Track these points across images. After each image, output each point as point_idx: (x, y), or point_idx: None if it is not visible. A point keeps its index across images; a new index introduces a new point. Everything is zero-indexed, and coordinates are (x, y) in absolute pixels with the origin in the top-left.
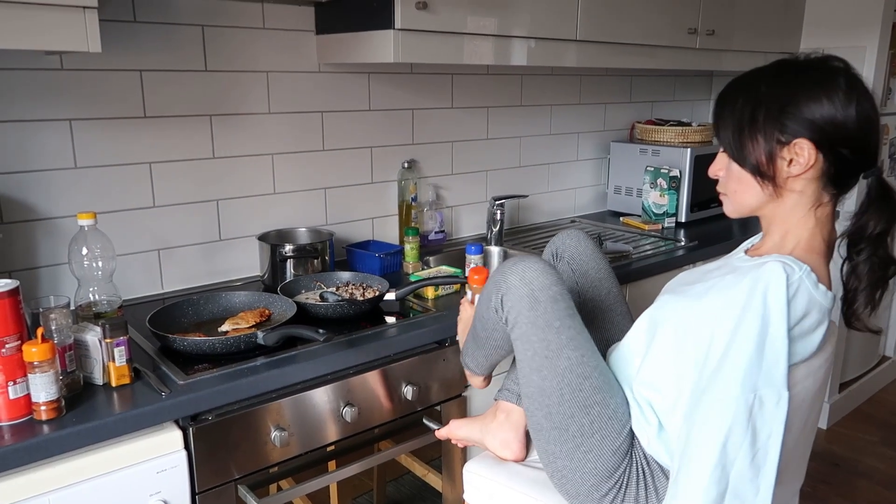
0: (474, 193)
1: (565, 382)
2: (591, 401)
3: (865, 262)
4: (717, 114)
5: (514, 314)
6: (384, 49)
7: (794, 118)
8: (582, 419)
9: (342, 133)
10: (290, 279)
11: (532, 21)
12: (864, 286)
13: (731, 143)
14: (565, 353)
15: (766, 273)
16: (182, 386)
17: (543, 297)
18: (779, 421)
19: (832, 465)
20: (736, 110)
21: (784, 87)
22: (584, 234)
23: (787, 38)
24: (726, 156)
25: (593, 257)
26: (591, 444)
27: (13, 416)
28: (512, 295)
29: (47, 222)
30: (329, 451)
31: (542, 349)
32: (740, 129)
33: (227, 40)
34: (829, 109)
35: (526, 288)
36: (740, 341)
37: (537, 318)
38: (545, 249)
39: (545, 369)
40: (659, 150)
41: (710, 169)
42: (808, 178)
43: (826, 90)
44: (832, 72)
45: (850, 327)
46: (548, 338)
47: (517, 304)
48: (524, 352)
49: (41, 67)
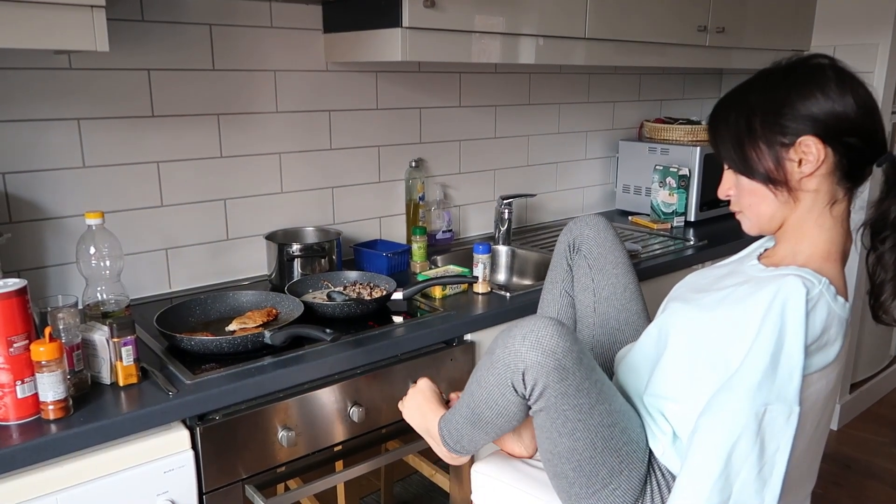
0: (482, 192)
1: (599, 436)
2: (619, 442)
3: (891, 250)
4: (712, 134)
5: (540, 388)
6: (391, 47)
7: (792, 118)
8: (612, 462)
9: (350, 132)
10: (297, 278)
11: (540, 19)
12: (891, 276)
13: (735, 157)
14: (597, 410)
15: (785, 287)
16: (189, 385)
17: (570, 363)
18: (788, 436)
19: (843, 467)
20: (731, 125)
21: (774, 91)
22: (603, 221)
23: (798, 36)
24: (732, 173)
25: (612, 249)
26: (619, 482)
27: (21, 416)
28: (535, 371)
29: (55, 221)
30: (336, 451)
31: (574, 414)
32: (740, 142)
33: (234, 39)
34: (826, 102)
35: (551, 360)
36: (755, 354)
37: (567, 388)
38: (560, 238)
39: (578, 431)
40: (668, 149)
41: (720, 190)
42: (821, 174)
43: (818, 84)
44: (818, 67)
45: (877, 321)
46: (579, 402)
47: (543, 379)
48: (552, 421)
49: (50, 67)
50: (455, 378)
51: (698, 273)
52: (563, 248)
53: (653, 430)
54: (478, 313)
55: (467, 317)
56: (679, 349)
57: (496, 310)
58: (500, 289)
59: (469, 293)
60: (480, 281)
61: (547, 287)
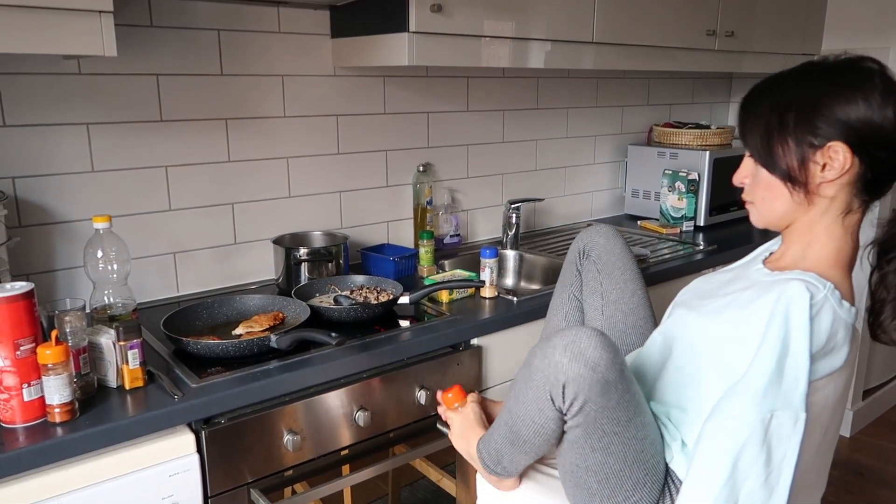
0: (490, 197)
1: (631, 449)
2: (648, 454)
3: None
4: (742, 119)
5: (580, 403)
6: (399, 52)
7: (827, 120)
8: (638, 474)
9: (357, 136)
10: (304, 282)
11: (548, 23)
12: (892, 297)
13: (759, 148)
14: (634, 423)
15: (788, 292)
16: (195, 389)
17: (613, 377)
18: (794, 442)
19: (856, 474)
20: (763, 114)
21: (815, 88)
22: (613, 230)
23: (809, 40)
24: (753, 162)
25: (621, 257)
26: (642, 494)
27: (27, 419)
28: (576, 384)
29: (64, 225)
30: (343, 456)
31: (611, 428)
32: (769, 134)
33: (242, 44)
34: (865, 111)
35: (595, 374)
36: (760, 361)
37: (609, 401)
38: (572, 246)
39: (613, 445)
40: (677, 153)
41: (736, 176)
42: (841, 183)
43: (862, 91)
44: (867, 72)
45: (875, 340)
46: (618, 416)
47: (585, 393)
48: (587, 436)
49: (59, 72)
50: (462, 382)
51: (703, 278)
52: (573, 254)
53: (663, 437)
54: (485, 318)
55: (474, 321)
56: (684, 356)
57: (503, 314)
58: (508, 293)
59: (476, 297)
60: (487, 285)
61: (556, 292)
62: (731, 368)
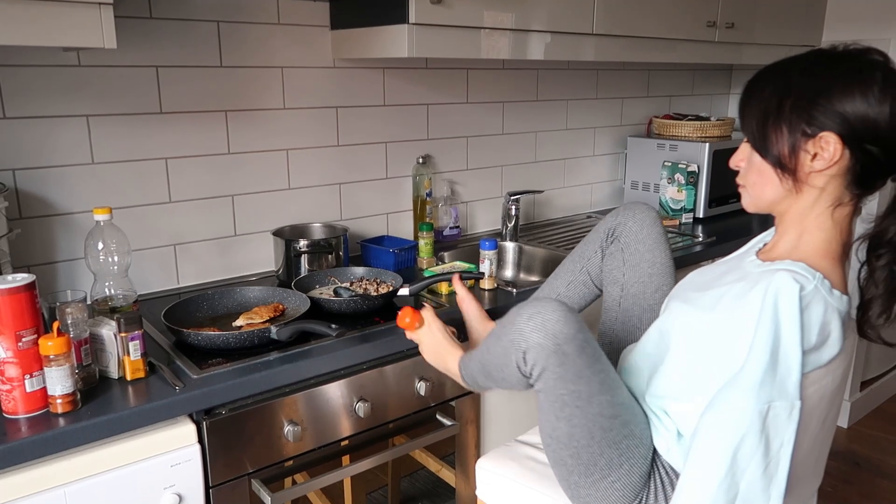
0: (489, 189)
1: (596, 426)
2: (620, 436)
3: (884, 268)
4: (743, 101)
5: (539, 370)
6: (398, 44)
7: (823, 110)
8: (611, 454)
9: (357, 128)
10: (304, 274)
11: (548, 15)
12: (880, 293)
13: (755, 131)
14: (596, 400)
15: (776, 284)
16: (196, 380)
17: (571, 349)
18: (791, 431)
19: (854, 465)
20: (763, 98)
21: (816, 77)
22: (652, 217)
23: (809, 31)
24: (749, 146)
25: (652, 249)
26: (619, 475)
27: (29, 409)
28: (535, 352)
29: (64, 217)
30: (343, 447)
31: (571, 400)
32: (765, 118)
33: (242, 36)
34: (861, 105)
35: (551, 343)
36: (754, 353)
37: (566, 373)
38: (601, 223)
39: (575, 417)
40: (677, 145)
41: (732, 159)
42: (830, 174)
43: (861, 84)
44: (870, 65)
45: (863, 336)
46: (578, 389)
47: (542, 361)
48: (551, 403)
49: (59, 64)
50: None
51: (699, 271)
52: (602, 231)
53: (657, 428)
54: (485, 309)
55: None
56: (679, 349)
57: (503, 305)
58: (507, 285)
59: (476, 289)
60: (487, 277)
61: (570, 259)
62: (725, 361)
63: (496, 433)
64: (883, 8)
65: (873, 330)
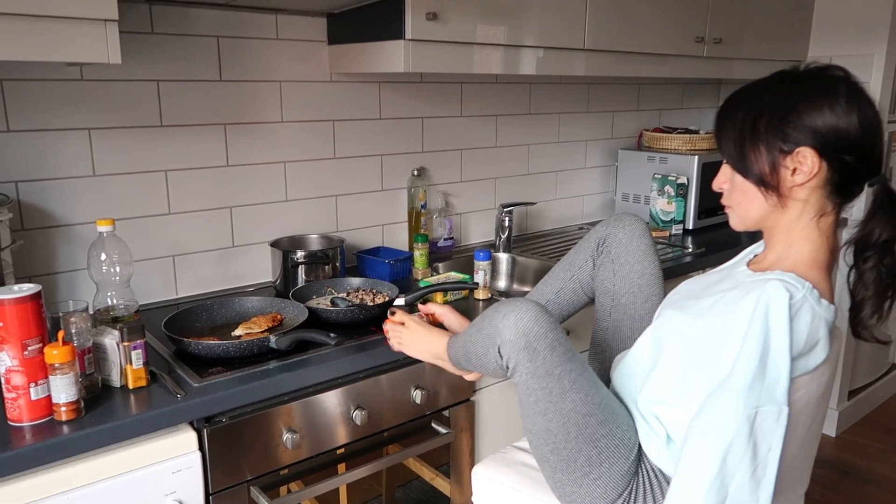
0: (483, 200)
1: (571, 423)
2: (597, 434)
3: (872, 269)
4: (718, 126)
5: (513, 364)
6: (395, 59)
7: (795, 127)
8: (590, 452)
9: (353, 141)
10: (301, 285)
11: (540, 30)
12: (871, 294)
13: (734, 154)
14: (569, 397)
15: (767, 292)
16: (197, 388)
17: (541, 347)
18: (778, 435)
19: (841, 473)
20: (737, 121)
21: (785, 96)
22: (641, 228)
23: (795, 46)
24: (729, 168)
25: (641, 260)
26: (599, 472)
27: (34, 417)
28: (508, 347)
29: (66, 229)
30: (339, 455)
31: (544, 395)
32: (742, 140)
33: (241, 51)
34: (831, 117)
35: (522, 339)
36: (744, 359)
37: (537, 369)
38: (591, 233)
39: (550, 412)
40: (667, 158)
41: (714, 182)
42: (812, 186)
43: (827, 98)
44: (833, 80)
45: (857, 337)
46: (549, 385)
47: (514, 356)
48: (527, 397)
49: (62, 78)
50: (456, 383)
51: (691, 280)
52: (592, 241)
53: (647, 433)
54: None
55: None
56: (673, 355)
57: None
58: (501, 295)
59: (470, 299)
60: (481, 287)
61: (560, 266)
62: (716, 367)
63: (490, 441)
64: (866, 24)
65: (867, 330)
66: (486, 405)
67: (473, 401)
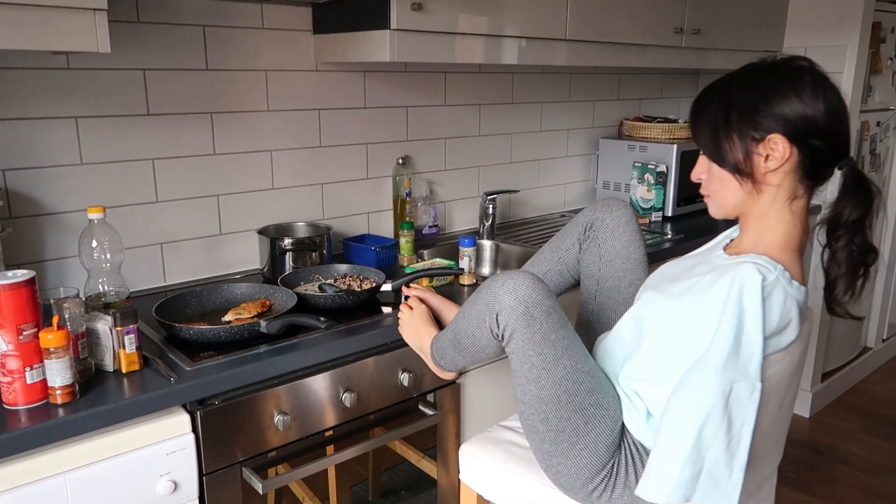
0: (467, 188)
1: (562, 389)
2: (585, 403)
3: (844, 248)
4: (693, 120)
5: (510, 331)
6: (380, 49)
7: (766, 116)
8: (577, 420)
9: (339, 130)
10: (289, 272)
11: (523, 21)
12: (843, 272)
13: (709, 145)
14: (561, 363)
15: (741, 274)
16: (189, 372)
17: (538, 313)
18: (752, 410)
19: (815, 452)
20: (710, 114)
21: (754, 88)
22: (627, 214)
23: (771, 37)
24: (706, 158)
25: (627, 245)
26: (586, 442)
27: (30, 400)
28: (507, 314)
29: (54, 217)
30: (329, 436)
31: (539, 362)
32: (716, 131)
33: (227, 40)
34: (798, 105)
35: (521, 306)
36: (719, 338)
37: (534, 334)
38: (579, 216)
39: (543, 379)
40: (646, 147)
41: (693, 173)
42: (784, 171)
43: (794, 87)
44: (798, 70)
45: (832, 314)
46: (544, 351)
47: (512, 322)
48: (521, 364)
49: (48, 66)
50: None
51: (671, 263)
52: (580, 224)
53: (628, 408)
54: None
55: None
56: (652, 335)
57: None
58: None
59: (455, 285)
60: (466, 273)
61: (549, 249)
62: (694, 345)
63: (476, 423)
64: (839, 16)
65: (840, 307)
66: (471, 388)
67: (459, 383)
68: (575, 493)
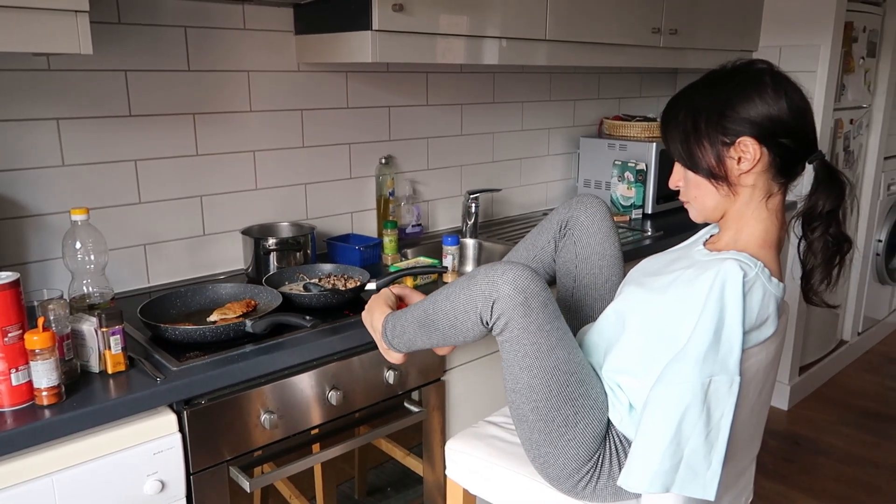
0: (450, 188)
1: (554, 380)
2: (576, 393)
3: (819, 238)
4: (663, 130)
5: (505, 320)
6: (362, 49)
7: (733, 120)
8: (567, 411)
9: (321, 130)
10: (273, 271)
11: (503, 22)
12: (819, 262)
13: (682, 153)
14: (554, 353)
15: (724, 270)
16: (176, 372)
17: (535, 304)
18: (730, 403)
19: (793, 444)
20: (679, 123)
21: (718, 94)
22: (602, 210)
23: (747, 37)
24: (681, 166)
25: (602, 241)
26: (574, 433)
27: (16, 402)
28: (504, 302)
29: (36, 219)
30: (315, 435)
31: (532, 351)
32: (687, 139)
33: (209, 41)
34: (762, 106)
35: (520, 296)
36: (699, 332)
37: (529, 324)
38: (554, 214)
39: (535, 368)
40: (626, 145)
41: (670, 181)
42: (757, 171)
43: (756, 89)
44: (758, 73)
45: (809, 303)
46: (539, 341)
47: (509, 311)
48: (514, 353)
49: (28, 68)
50: (426, 363)
51: (652, 258)
52: (554, 222)
53: (611, 401)
54: None
55: None
56: (634, 328)
57: None
58: None
59: (439, 283)
60: (450, 271)
61: (524, 246)
62: (674, 339)
63: (461, 420)
64: (813, 16)
65: (817, 296)
66: (456, 385)
67: (444, 380)
68: (561, 483)
